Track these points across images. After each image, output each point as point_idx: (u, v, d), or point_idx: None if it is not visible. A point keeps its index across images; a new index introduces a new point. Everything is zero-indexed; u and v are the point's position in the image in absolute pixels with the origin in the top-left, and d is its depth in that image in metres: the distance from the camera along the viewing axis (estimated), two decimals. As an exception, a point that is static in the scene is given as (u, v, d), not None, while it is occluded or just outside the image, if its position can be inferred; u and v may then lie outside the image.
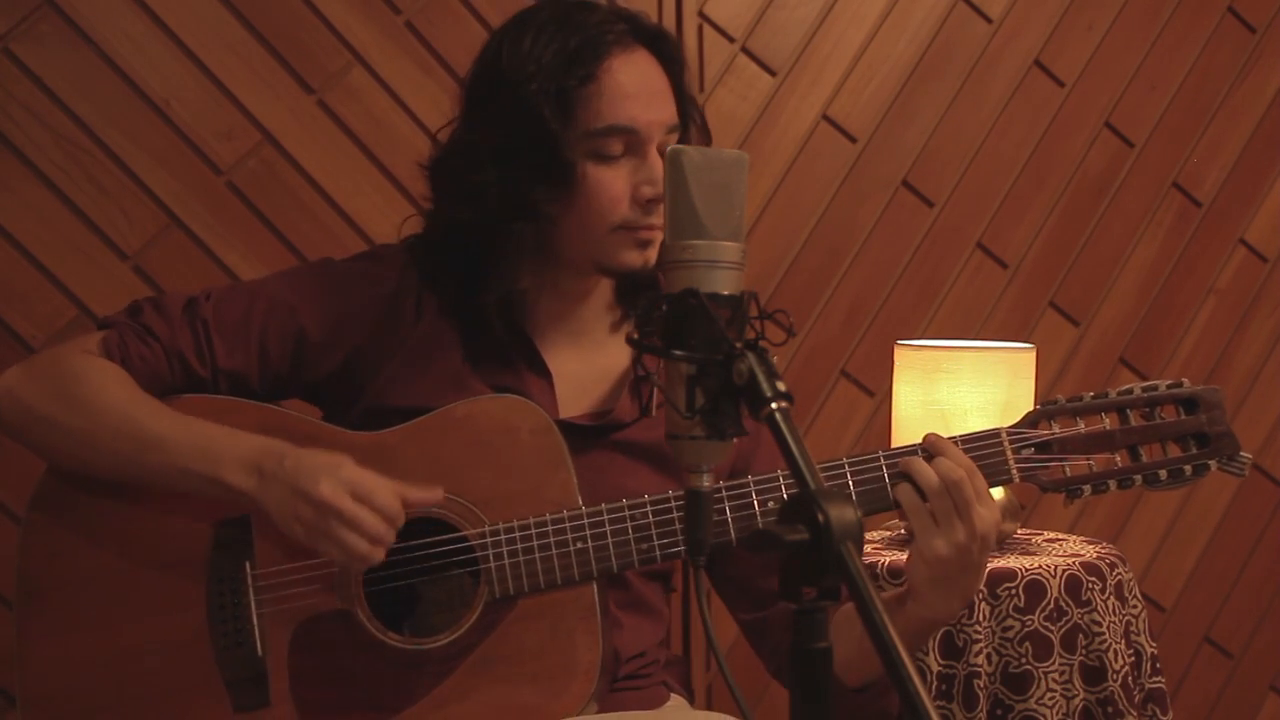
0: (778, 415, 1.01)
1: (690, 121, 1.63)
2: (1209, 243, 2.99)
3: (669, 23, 2.62)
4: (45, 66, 2.28)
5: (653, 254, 1.58)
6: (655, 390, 1.59)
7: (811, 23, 2.72)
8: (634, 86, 1.54)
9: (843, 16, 2.74)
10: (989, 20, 2.83)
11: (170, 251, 2.34)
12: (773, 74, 2.70)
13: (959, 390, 2.18)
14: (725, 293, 1.11)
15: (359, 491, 1.44)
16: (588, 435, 1.60)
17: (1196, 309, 2.99)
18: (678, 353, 1.09)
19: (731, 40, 2.67)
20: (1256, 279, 3.02)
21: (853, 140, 2.75)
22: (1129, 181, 2.93)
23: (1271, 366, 3.03)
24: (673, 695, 1.71)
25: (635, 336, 1.13)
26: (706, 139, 1.67)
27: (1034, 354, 2.28)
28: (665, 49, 1.60)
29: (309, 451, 1.48)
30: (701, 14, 2.65)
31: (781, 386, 1.02)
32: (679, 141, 1.60)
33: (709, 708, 2.66)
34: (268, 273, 2.29)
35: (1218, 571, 3.01)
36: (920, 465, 1.44)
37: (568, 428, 1.58)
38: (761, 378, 1.02)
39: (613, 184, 1.54)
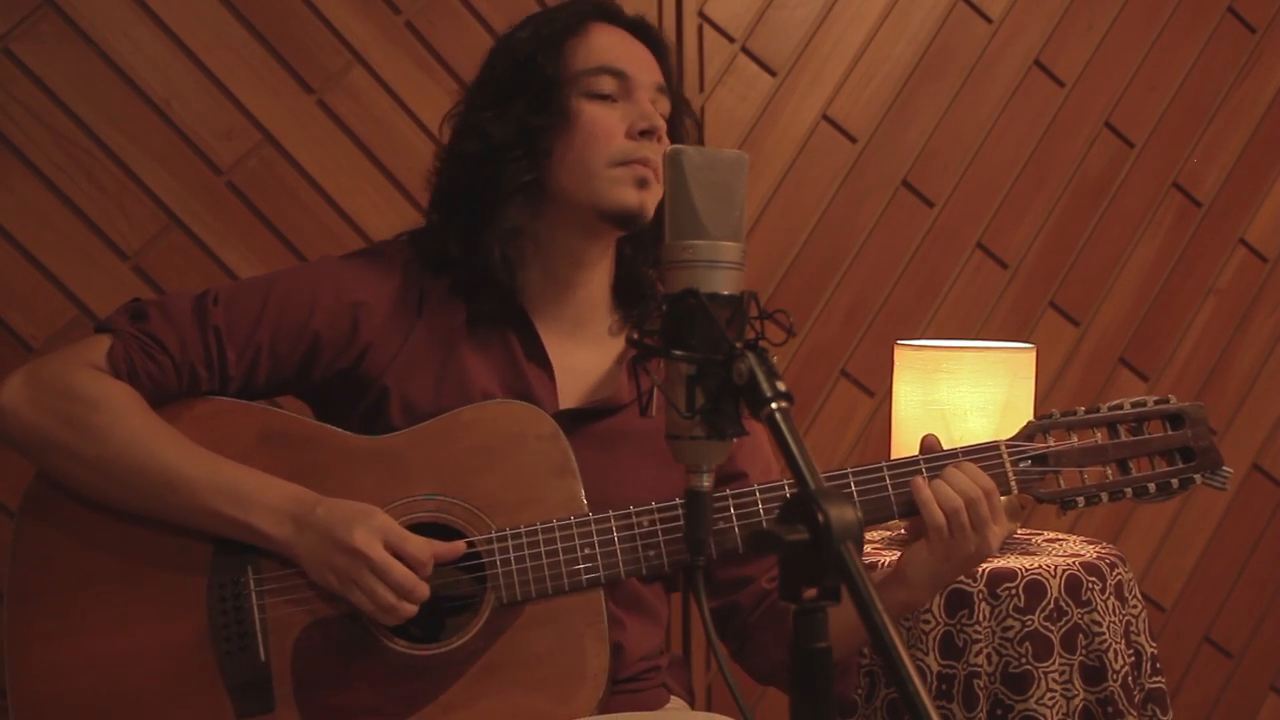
0: (778, 415, 1.01)
1: (683, 108, 1.70)
2: (1209, 243, 2.99)
3: (669, 23, 2.62)
4: (45, 66, 2.28)
5: (649, 198, 1.61)
6: (655, 391, 1.60)
7: (811, 23, 2.72)
8: (618, 42, 1.66)
9: (843, 16, 2.74)
10: (989, 20, 2.83)
11: (170, 251, 2.34)
12: (773, 74, 2.70)
13: (959, 390, 2.18)
14: (725, 293, 1.11)
15: (390, 539, 1.44)
16: (586, 420, 1.61)
17: (1196, 309, 2.99)
18: (678, 353, 1.09)
19: (731, 40, 2.67)
20: (1256, 279, 3.02)
21: (853, 140, 2.75)
22: (1129, 181, 2.93)
23: (1271, 366, 3.03)
24: (672, 697, 1.71)
25: (635, 336, 1.14)
26: (699, 136, 1.74)
27: (1034, 354, 2.28)
28: (650, 37, 1.69)
29: (338, 501, 1.48)
30: (701, 14, 2.65)
31: (781, 386, 1.02)
32: (670, 124, 1.67)
33: (709, 708, 2.66)
34: (268, 273, 2.30)
35: (1218, 571, 3.01)
36: (939, 483, 1.51)
37: (567, 415, 1.59)
38: (761, 378, 1.02)
39: (607, 118, 1.61)
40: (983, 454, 1.55)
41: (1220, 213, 2.99)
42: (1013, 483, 1.56)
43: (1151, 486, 1.58)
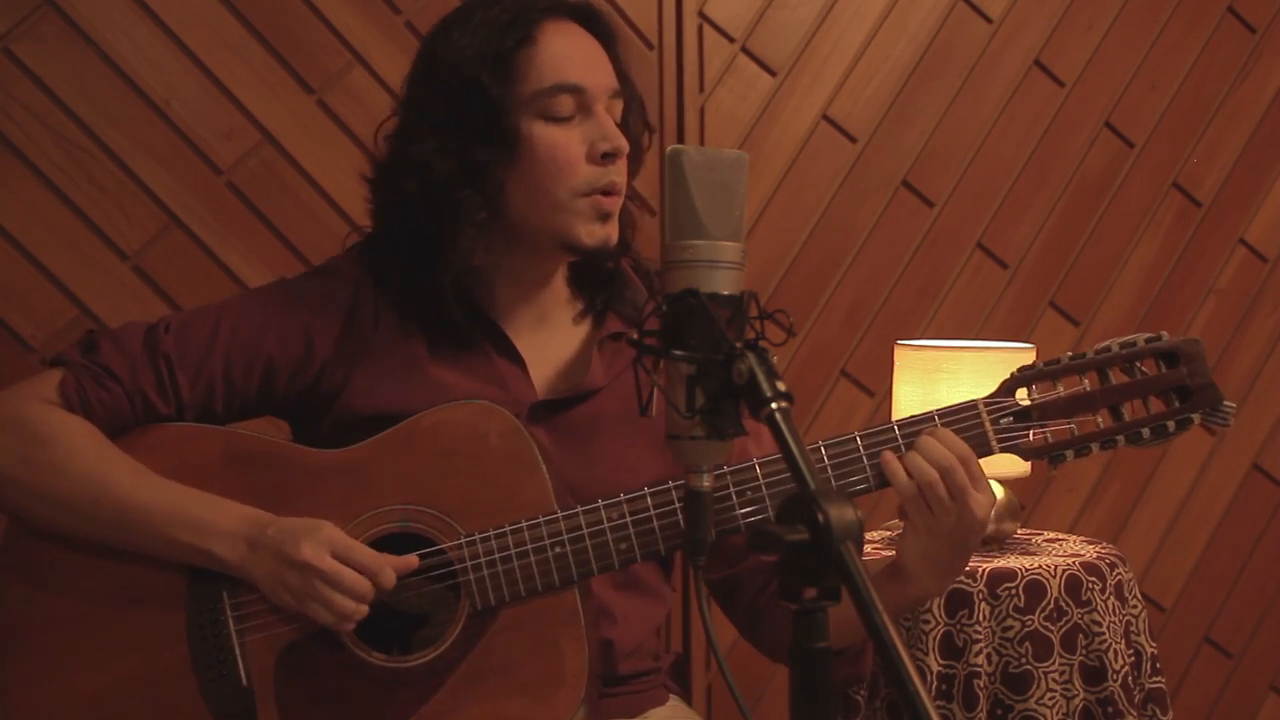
0: (778, 415, 1.01)
1: (631, 98, 1.61)
2: (1209, 243, 2.99)
3: (669, 23, 2.62)
4: (45, 66, 2.28)
5: (613, 230, 1.56)
6: (654, 390, 1.59)
7: (811, 23, 2.72)
8: (572, 49, 1.56)
9: (843, 16, 2.74)
10: (989, 20, 2.83)
11: (170, 251, 2.34)
12: (773, 74, 2.70)
13: (959, 390, 2.18)
14: (725, 293, 1.11)
15: (338, 549, 1.43)
16: (562, 409, 1.60)
17: (1196, 309, 2.99)
18: (678, 353, 1.09)
19: (731, 40, 2.67)
20: (1256, 279, 3.03)
21: (853, 140, 2.75)
22: (1129, 181, 2.93)
23: (1271, 366, 3.03)
24: (671, 696, 1.71)
25: (635, 337, 1.14)
26: (644, 122, 1.65)
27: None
28: (600, 27, 1.61)
29: (288, 518, 1.47)
30: (701, 14, 2.65)
31: (781, 386, 1.02)
32: (623, 123, 1.59)
33: (709, 708, 2.66)
34: (268, 273, 2.30)
35: (1218, 571, 3.01)
36: (912, 455, 1.43)
37: (545, 406, 1.58)
38: (761, 378, 1.03)
39: (567, 144, 1.53)
40: (960, 414, 1.47)
41: (1220, 213, 2.99)
42: (993, 442, 1.47)
43: (1146, 431, 1.45)
